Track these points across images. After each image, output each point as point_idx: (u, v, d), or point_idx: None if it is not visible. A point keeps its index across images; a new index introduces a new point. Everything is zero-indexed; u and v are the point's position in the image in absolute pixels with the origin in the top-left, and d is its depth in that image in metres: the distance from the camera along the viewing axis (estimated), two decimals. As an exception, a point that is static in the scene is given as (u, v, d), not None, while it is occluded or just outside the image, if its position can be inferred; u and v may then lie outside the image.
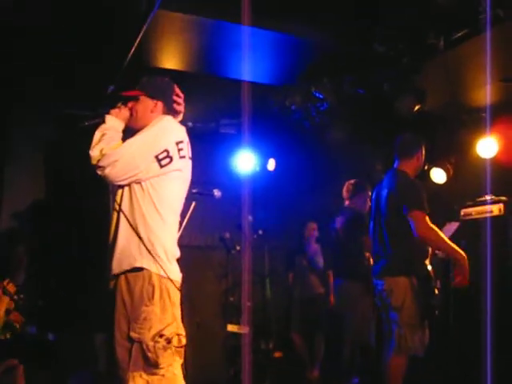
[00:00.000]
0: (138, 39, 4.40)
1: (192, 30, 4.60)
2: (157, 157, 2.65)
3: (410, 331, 4.06)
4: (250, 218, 5.61)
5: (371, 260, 4.91)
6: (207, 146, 6.02)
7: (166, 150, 2.68)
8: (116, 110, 2.85)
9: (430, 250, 4.19)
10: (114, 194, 2.79)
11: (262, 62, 5.12)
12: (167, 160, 2.68)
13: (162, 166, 2.67)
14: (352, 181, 5.52)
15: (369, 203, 5.38)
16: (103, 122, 2.78)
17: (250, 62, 4.78)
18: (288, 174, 6.40)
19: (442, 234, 4.05)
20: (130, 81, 4.91)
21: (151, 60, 5.02)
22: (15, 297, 4.31)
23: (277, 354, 6.27)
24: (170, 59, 5.01)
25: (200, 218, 4.83)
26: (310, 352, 6.23)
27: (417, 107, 5.26)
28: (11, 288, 4.22)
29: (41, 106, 5.51)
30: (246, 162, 6.19)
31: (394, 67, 5.01)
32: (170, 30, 4.57)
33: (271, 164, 6.43)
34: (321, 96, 5.58)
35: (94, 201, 5.27)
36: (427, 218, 4.00)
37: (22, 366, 1.47)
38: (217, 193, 4.64)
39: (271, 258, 6.37)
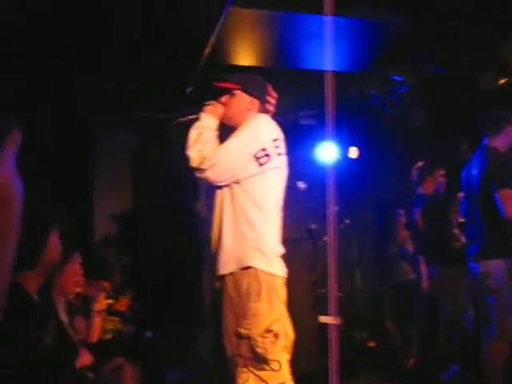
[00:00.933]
0: (213, 38, 4.45)
1: (264, 24, 4.60)
2: (255, 156, 2.66)
3: (510, 315, 3.90)
4: (336, 207, 5.56)
5: (463, 239, 4.77)
6: (288, 139, 5.99)
7: (264, 149, 2.68)
8: (210, 107, 2.85)
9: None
10: (212, 195, 2.82)
11: (337, 49, 5.05)
12: (265, 158, 2.69)
13: (260, 165, 2.68)
14: (418, 164, 5.40)
15: (442, 183, 5.25)
16: (197, 118, 2.81)
17: (326, 51, 4.72)
18: (371, 160, 6.29)
19: None
20: (207, 81, 4.98)
21: (226, 58, 5.06)
22: (111, 293, 4.49)
23: (371, 344, 6.19)
24: (245, 56, 5.04)
25: (286, 212, 4.82)
26: (405, 340, 6.12)
27: (502, 81, 5.04)
28: (105, 284, 4.39)
29: (123, 109, 5.67)
30: (327, 151, 6.14)
31: (475, 41, 4.82)
32: (243, 26, 4.59)
33: (353, 152, 6.35)
34: (399, 79, 5.45)
35: (182, 201, 5.40)
36: None
37: (129, 364, 1.54)
38: (301, 185, 4.64)
39: (360, 247, 6.29)
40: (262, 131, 2.74)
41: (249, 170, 2.66)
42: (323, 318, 5.46)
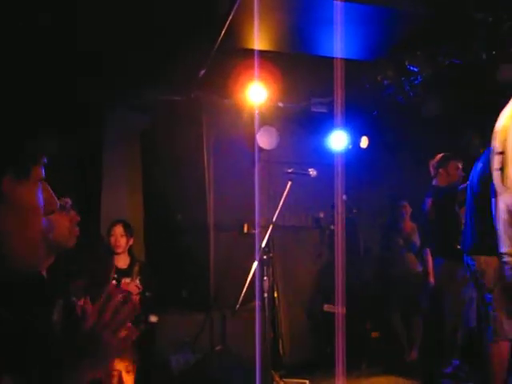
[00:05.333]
0: (228, 22, 4.39)
1: (279, 8, 4.54)
2: None
3: (505, 314, 3.84)
4: (344, 196, 5.54)
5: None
6: (300, 126, 5.98)
7: None
8: None
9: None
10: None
11: (353, 37, 4.98)
12: None
13: None
14: (437, 157, 5.38)
15: (456, 175, 5.22)
16: None
17: (340, 38, 4.67)
18: (381, 150, 6.25)
19: None
20: (221, 64, 4.94)
21: (240, 42, 5.00)
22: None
23: (374, 335, 6.19)
24: (260, 40, 4.98)
25: (294, 198, 4.82)
26: (407, 333, 6.11)
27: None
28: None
29: (134, 93, 5.63)
30: (338, 140, 6.10)
31: (494, 34, 4.75)
32: (258, 10, 4.53)
33: (364, 141, 6.30)
34: (415, 69, 5.38)
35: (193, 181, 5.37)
36: None
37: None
38: (312, 172, 4.62)
39: (366, 237, 6.27)
40: None
41: None
42: (328, 307, 5.45)
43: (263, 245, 4.55)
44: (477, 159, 4.31)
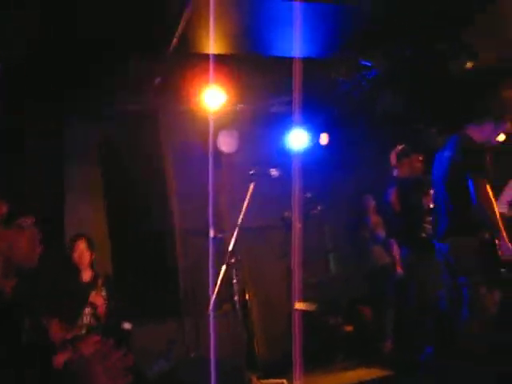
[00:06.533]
0: (180, 26, 4.38)
1: (234, 11, 4.54)
2: None
3: (480, 292, 3.94)
4: (309, 194, 5.56)
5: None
6: (260, 127, 6.00)
7: None
8: None
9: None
10: None
11: (304, 35, 5.02)
12: None
13: None
14: (398, 148, 5.44)
15: (418, 167, 5.29)
16: None
17: (294, 37, 4.70)
18: (342, 146, 6.30)
19: (496, 209, 3.93)
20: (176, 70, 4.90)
21: (194, 47, 4.98)
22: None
23: (347, 328, 6.23)
24: (215, 43, 4.98)
25: (259, 199, 4.81)
26: (380, 324, 6.17)
27: (469, 64, 5.08)
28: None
29: (90, 105, 5.57)
30: (298, 138, 6.13)
31: (444, 24, 4.83)
32: (212, 13, 4.52)
33: (324, 138, 6.35)
34: (368, 64, 5.44)
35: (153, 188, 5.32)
36: (488, 186, 3.90)
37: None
38: (274, 172, 4.63)
39: (333, 233, 6.32)
40: None
41: None
42: (299, 305, 5.47)
43: (230, 248, 4.55)
44: (439, 150, 4.39)
